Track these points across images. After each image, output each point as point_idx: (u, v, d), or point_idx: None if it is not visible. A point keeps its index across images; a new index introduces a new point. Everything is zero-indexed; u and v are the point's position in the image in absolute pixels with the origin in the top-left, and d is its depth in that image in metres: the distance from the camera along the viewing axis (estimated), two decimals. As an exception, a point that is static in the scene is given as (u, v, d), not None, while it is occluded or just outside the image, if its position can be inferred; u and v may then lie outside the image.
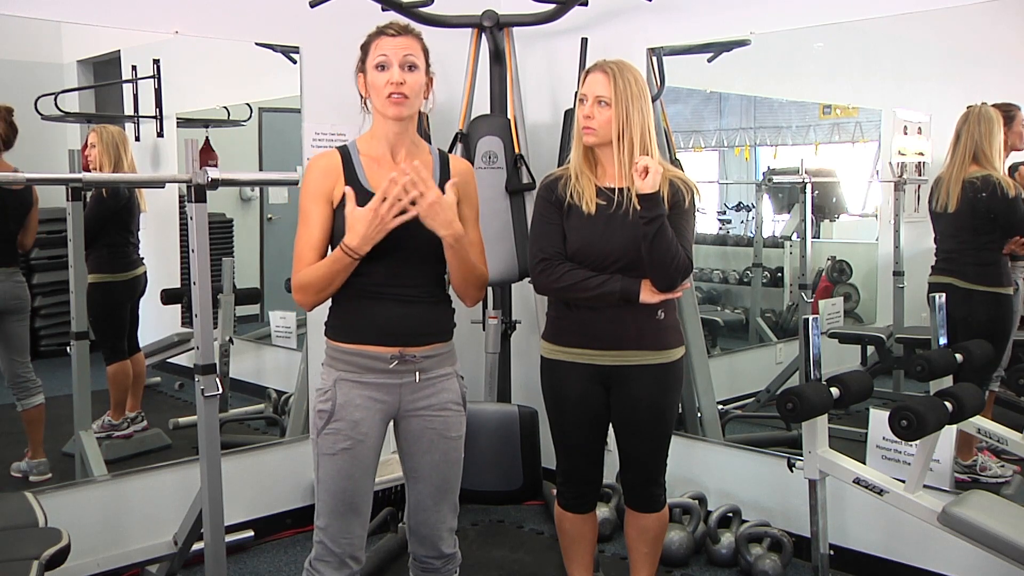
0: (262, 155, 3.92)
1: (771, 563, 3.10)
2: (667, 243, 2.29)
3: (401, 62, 2.03)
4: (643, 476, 2.57)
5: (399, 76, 2.01)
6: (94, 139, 3.38)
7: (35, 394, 3.22)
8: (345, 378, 2.06)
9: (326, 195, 2.04)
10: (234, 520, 3.25)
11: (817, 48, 3.50)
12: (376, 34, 2.07)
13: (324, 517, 2.10)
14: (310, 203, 2.04)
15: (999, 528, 2.29)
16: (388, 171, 2.00)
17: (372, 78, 2.05)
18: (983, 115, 3.00)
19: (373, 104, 2.08)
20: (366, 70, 2.06)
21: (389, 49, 2.03)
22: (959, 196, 3.03)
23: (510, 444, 3.22)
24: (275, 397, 3.90)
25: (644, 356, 2.43)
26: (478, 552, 3.40)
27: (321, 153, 2.11)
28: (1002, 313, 3.08)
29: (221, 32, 3.27)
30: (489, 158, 3.39)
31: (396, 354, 2.06)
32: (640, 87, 2.37)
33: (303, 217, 2.05)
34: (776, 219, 4.47)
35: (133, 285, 3.57)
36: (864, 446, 3.08)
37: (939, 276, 3.16)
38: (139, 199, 3.55)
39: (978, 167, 3.01)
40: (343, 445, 2.04)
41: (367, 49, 2.07)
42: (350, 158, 2.07)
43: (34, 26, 2.98)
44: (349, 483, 2.07)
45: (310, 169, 2.07)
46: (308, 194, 2.05)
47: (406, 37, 2.06)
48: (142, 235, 3.61)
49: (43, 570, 2.08)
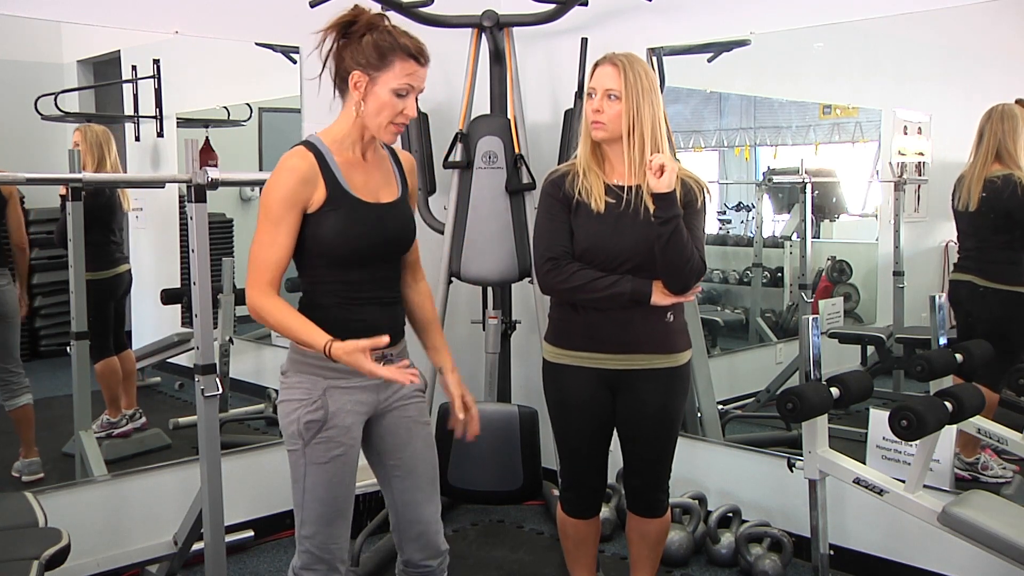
0: (262, 155, 3.92)
1: (771, 563, 3.10)
2: (682, 245, 2.23)
3: (417, 94, 1.98)
4: (647, 481, 2.53)
5: (412, 110, 1.96)
6: (78, 138, 3.35)
7: (20, 395, 3.21)
8: (336, 385, 2.00)
9: (303, 202, 1.93)
10: (234, 520, 3.25)
11: (817, 48, 3.50)
12: (406, 55, 1.93)
13: (311, 525, 2.04)
14: (284, 209, 1.92)
15: (999, 528, 2.29)
16: (361, 172, 2.00)
17: (385, 98, 1.94)
18: (1007, 113, 2.97)
19: (366, 114, 1.97)
20: (377, 80, 1.93)
21: (417, 81, 1.96)
22: (979, 194, 3.01)
23: (510, 444, 3.22)
24: (275, 397, 3.87)
25: (652, 360, 2.38)
26: (478, 552, 3.40)
27: (294, 152, 1.97)
28: (1019, 312, 3.06)
29: (221, 32, 3.27)
30: (489, 158, 3.39)
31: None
32: (650, 80, 2.31)
33: (271, 223, 1.92)
34: (776, 219, 4.47)
35: (115, 283, 3.56)
36: (864, 446, 3.08)
37: (959, 274, 3.14)
38: (121, 198, 3.54)
39: (1000, 165, 2.98)
40: (336, 452, 2.01)
41: (389, 62, 1.93)
42: (325, 160, 1.97)
43: (34, 26, 2.98)
44: (340, 489, 2.04)
45: (287, 171, 1.93)
46: (283, 199, 1.92)
47: (427, 67, 1.99)
48: (142, 235, 3.61)
49: (43, 570, 2.08)
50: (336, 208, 1.96)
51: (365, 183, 2.02)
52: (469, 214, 3.39)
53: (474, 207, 3.39)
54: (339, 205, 1.96)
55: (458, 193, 3.44)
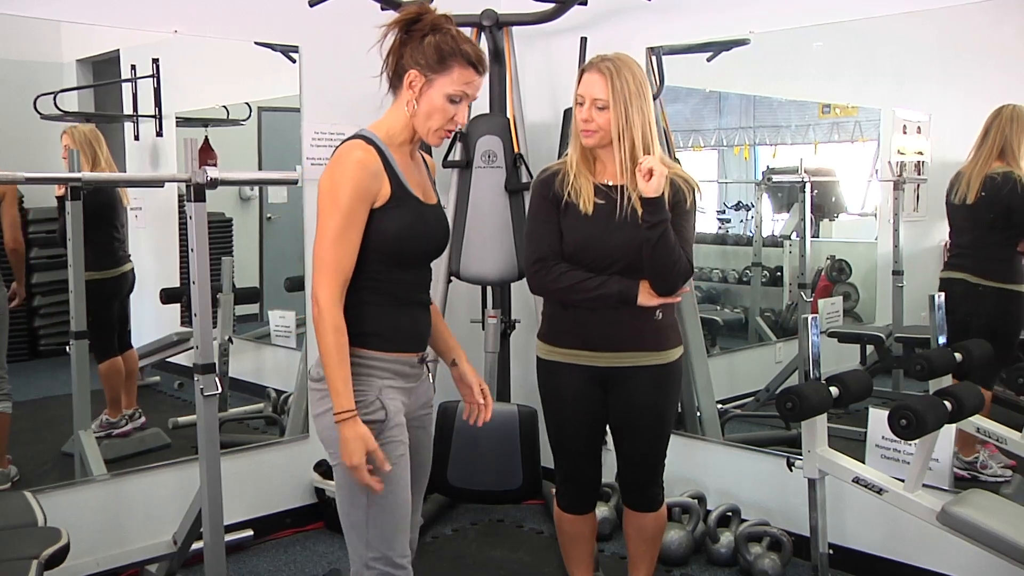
0: (261, 154, 3.92)
1: (770, 562, 3.10)
2: (669, 248, 2.26)
3: (469, 103, 1.97)
4: (641, 477, 2.55)
5: (463, 118, 1.95)
6: (67, 140, 3.32)
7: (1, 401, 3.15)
8: (389, 385, 1.95)
9: (372, 197, 1.88)
10: (233, 519, 3.25)
11: (816, 47, 3.49)
12: (466, 61, 1.92)
13: (380, 545, 1.91)
14: (356, 203, 1.85)
15: (998, 527, 2.29)
16: (413, 171, 1.98)
17: (439, 102, 1.91)
18: (1016, 114, 2.99)
19: (418, 115, 1.93)
20: (433, 83, 1.91)
21: (472, 89, 1.94)
22: (978, 189, 3.02)
23: (510, 443, 3.22)
24: (274, 396, 3.89)
25: (642, 357, 2.41)
26: (478, 551, 3.40)
27: (355, 144, 1.90)
28: (1012, 310, 3.08)
29: (220, 31, 3.27)
30: (488, 157, 3.38)
31: (421, 359, 2.02)
32: (638, 83, 2.30)
33: (343, 217, 1.84)
34: (775, 218, 4.47)
35: (120, 282, 3.55)
36: (863, 445, 3.08)
37: (950, 271, 3.15)
38: (120, 195, 3.52)
39: (1002, 163, 3.00)
40: (400, 452, 1.94)
41: (448, 66, 1.90)
42: (385, 155, 1.92)
43: (33, 25, 2.98)
44: (407, 493, 1.97)
45: (356, 164, 1.86)
46: (355, 193, 1.85)
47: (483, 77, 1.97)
48: (141, 234, 3.61)
49: (42, 569, 2.08)
50: (399, 206, 1.91)
51: (418, 182, 1.99)
52: (468, 213, 3.39)
53: (473, 206, 3.39)
54: (402, 203, 1.91)
55: (457, 192, 3.43)
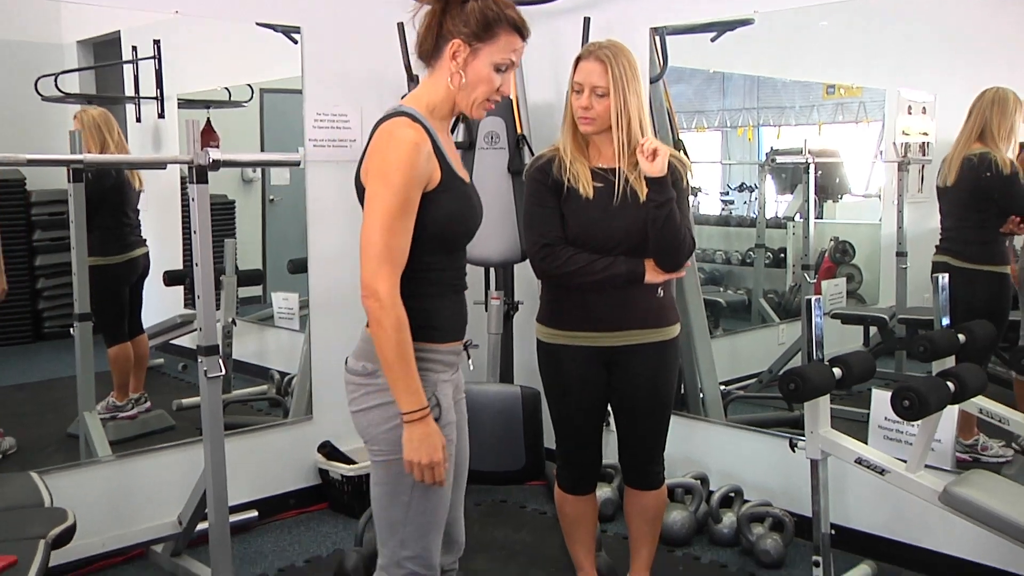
0: (263, 136, 3.91)
1: (773, 542, 3.12)
2: (676, 226, 2.30)
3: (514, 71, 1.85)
4: (643, 455, 2.58)
5: (508, 87, 1.83)
6: (76, 125, 3.31)
7: None
8: (443, 379, 1.85)
9: (425, 180, 1.75)
10: (238, 500, 3.27)
11: (821, 27, 3.47)
12: (512, 27, 1.80)
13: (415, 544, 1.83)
14: (412, 187, 1.71)
15: (1000, 507, 2.29)
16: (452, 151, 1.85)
17: (485, 72, 1.79)
18: (999, 96, 2.99)
19: (463, 87, 1.80)
20: (479, 53, 1.78)
21: (518, 56, 1.83)
22: (957, 171, 3.04)
23: (512, 424, 3.22)
24: (278, 378, 3.91)
25: (646, 335, 2.44)
26: (480, 532, 3.42)
27: (403, 123, 1.75)
28: (995, 292, 3.09)
29: (221, 12, 3.26)
30: (491, 138, 3.38)
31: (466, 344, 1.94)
32: (634, 69, 2.35)
33: (399, 202, 1.69)
34: (779, 200, 4.46)
35: (130, 267, 3.54)
36: (866, 426, 3.07)
37: (939, 255, 3.17)
38: (132, 178, 3.49)
39: (981, 145, 3.01)
40: (450, 451, 1.83)
41: (494, 33, 1.78)
42: (433, 136, 1.78)
43: (33, 6, 2.97)
44: (449, 489, 1.87)
45: (411, 145, 1.71)
46: (414, 179, 1.71)
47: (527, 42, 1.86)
48: (144, 216, 3.60)
49: (50, 549, 2.09)
50: (448, 189, 1.79)
51: (456, 160, 1.87)
52: (471, 195, 3.38)
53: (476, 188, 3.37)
54: (450, 186, 1.80)
55: (460, 174, 3.42)
